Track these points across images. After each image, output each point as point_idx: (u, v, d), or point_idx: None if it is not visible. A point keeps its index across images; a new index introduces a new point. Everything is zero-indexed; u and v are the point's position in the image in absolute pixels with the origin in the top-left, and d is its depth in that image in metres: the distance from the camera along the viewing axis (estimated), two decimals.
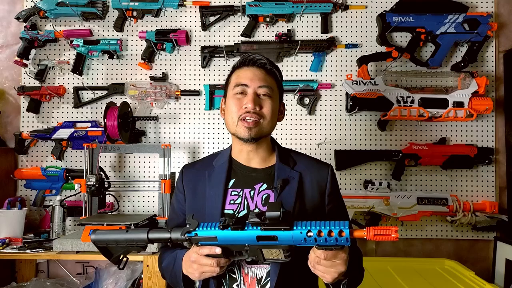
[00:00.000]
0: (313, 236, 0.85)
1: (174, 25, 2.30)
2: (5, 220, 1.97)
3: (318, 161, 1.22)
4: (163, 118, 2.29)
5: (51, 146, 2.26)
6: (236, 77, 1.14)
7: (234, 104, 1.11)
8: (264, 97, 1.11)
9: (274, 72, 1.16)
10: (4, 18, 2.36)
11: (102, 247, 1.01)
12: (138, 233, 0.99)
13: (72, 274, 2.25)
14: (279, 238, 0.87)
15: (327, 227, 0.84)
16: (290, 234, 0.87)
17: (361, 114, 2.24)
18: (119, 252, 1.01)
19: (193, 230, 0.94)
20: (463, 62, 2.17)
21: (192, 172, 1.21)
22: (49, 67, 2.29)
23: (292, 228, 0.87)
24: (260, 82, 1.11)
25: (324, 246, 0.86)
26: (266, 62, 1.14)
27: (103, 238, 1.00)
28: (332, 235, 0.84)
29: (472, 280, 1.73)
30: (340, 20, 2.28)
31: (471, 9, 2.22)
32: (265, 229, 0.88)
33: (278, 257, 0.91)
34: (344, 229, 0.84)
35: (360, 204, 2.09)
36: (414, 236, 2.21)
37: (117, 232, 1.01)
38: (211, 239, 0.92)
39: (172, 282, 1.14)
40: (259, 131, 1.09)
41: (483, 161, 2.14)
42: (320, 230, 0.84)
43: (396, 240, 0.82)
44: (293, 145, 2.25)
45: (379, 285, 1.69)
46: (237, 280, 1.05)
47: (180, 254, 1.06)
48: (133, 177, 2.28)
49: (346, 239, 0.84)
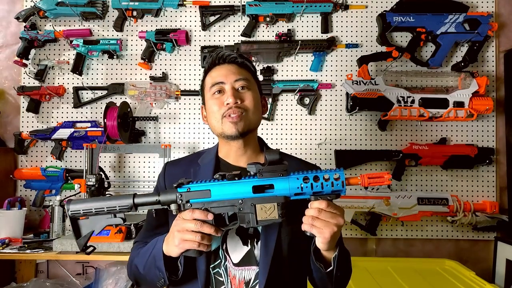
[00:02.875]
0: (310, 182, 0.85)
1: (174, 25, 2.30)
2: (4, 220, 1.97)
3: (307, 163, 1.20)
4: (163, 118, 2.28)
5: (51, 146, 2.25)
6: (210, 78, 1.11)
7: (214, 104, 1.07)
8: (243, 90, 1.08)
9: (247, 64, 1.13)
10: (4, 18, 2.36)
11: (74, 220, 0.93)
12: (122, 198, 0.92)
13: (72, 275, 2.25)
14: (276, 186, 0.87)
15: (323, 172, 0.86)
16: (286, 182, 0.86)
17: (361, 114, 2.24)
18: (90, 230, 0.94)
19: (186, 184, 0.91)
20: (463, 62, 2.16)
21: (176, 169, 1.15)
22: (49, 67, 2.28)
23: (289, 174, 0.87)
24: (235, 76, 1.08)
25: (320, 194, 0.86)
26: (236, 56, 1.11)
27: (80, 206, 0.92)
28: (328, 179, 0.85)
29: (473, 280, 1.73)
30: (340, 20, 2.27)
31: (472, 9, 2.22)
32: (262, 176, 0.87)
33: (272, 215, 0.88)
34: (340, 173, 0.85)
35: (361, 204, 2.09)
36: (414, 236, 2.20)
37: (98, 199, 0.95)
38: (204, 194, 0.89)
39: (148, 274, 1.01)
40: (245, 124, 1.06)
41: (483, 161, 2.14)
42: (317, 176, 0.86)
43: (389, 183, 0.85)
44: (293, 145, 2.25)
45: (379, 285, 1.69)
46: (224, 283, 1.01)
47: (161, 237, 0.99)
48: (133, 177, 2.27)
49: (342, 182, 0.85)
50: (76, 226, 0.95)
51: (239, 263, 1.02)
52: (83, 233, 0.95)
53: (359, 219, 2.18)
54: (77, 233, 0.95)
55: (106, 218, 0.94)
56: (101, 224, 0.95)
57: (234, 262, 1.02)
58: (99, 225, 0.95)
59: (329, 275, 0.96)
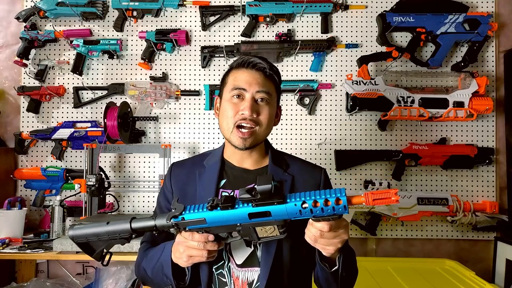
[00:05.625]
0: (309, 208, 0.79)
1: (174, 25, 2.30)
2: (5, 220, 1.97)
3: (312, 165, 1.20)
4: (163, 118, 2.28)
5: (51, 146, 2.26)
6: (233, 79, 1.10)
7: (230, 108, 1.07)
8: (261, 103, 1.08)
9: (273, 76, 1.12)
10: (4, 18, 2.36)
11: (82, 243, 0.95)
12: (120, 223, 0.92)
13: (72, 274, 2.25)
14: (273, 213, 0.82)
15: (323, 196, 0.78)
16: (284, 208, 0.81)
17: (361, 114, 2.24)
18: (101, 247, 0.95)
19: (179, 214, 0.87)
20: (463, 62, 2.17)
21: (181, 171, 1.16)
22: (49, 67, 2.29)
23: (286, 201, 0.81)
24: (259, 86, 1.07)
25: (321, 217, 0.80)
26: (266, 66, 1.10)
27: (82, 233, 0.93)
28: (328, 204, 0.78)
29: (473, 280, 1.73)
30: (340, 20, 2.27)
31: (471, 9, 2.22)
32: (257, 205, 0.82)
33: (273, 234, 0.86)
34: (341, 197, 0.78)
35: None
36: (414, 236, 2.20)
37: (97, 225, 0.94)
38: (199, 222, 0.86)
39: (156, 278, 1.04)
40: (254, 140, 1.07)
41: (483, 161, 2.14)
42: (316, 200, 0.79)
43: (397, 202, 0.77)
44: (293, 145, 2.25)
45: (379, 285, 1.69)
46: (227, 284, 1.01)
47: (168, 244, 1.00)
48: (133, 177, 2.27)
49: (344, 207, 0.78)
50: (87, 247, 0.96)
51: (242, 264, 1.02)
52: (96, 250, 0.96)
53: (359, 219, 2.18)
54: (91, 251, 0.96)
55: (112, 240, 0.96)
56: (109, 244, 0.97)
57: (238, 263, 1.02)
58: (108, 245, 0.97)
59: (334, 275, 0.95)
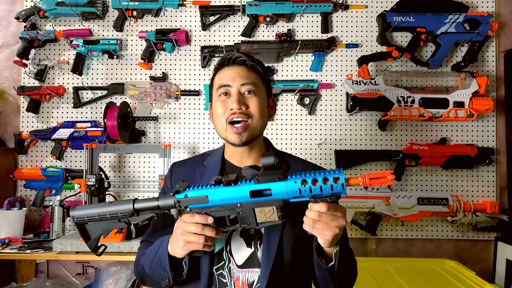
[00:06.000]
0: (308, 185, 0.81)
1: (174, 25, 2.30)
2: (4, 220, 1.97)
3: (313, 165, 1.19)
4: (163, 118, 2.28)
5: (51, 146, 2.26)
6: (218, 79, 1.11)
7: (219, 106, 1.08)
8: (249, 95, 1.07)
9: (257, 67, 1.12)
10: (4, 18, 2.36)
11: (81, 226, 0.96)
12: (123, 204, 0.94)
13: (72, 274, 2.25)
14: (273, 190, 0.84)
15: (322, 174, 0.81)
16: (284, 186, 0.83)
17: (362, 114, 2.24)
18: (98, 233, 0.97)
19: (183, 190, 0.90)
20: (463, 62, 2.16)
21: (182, 170, 1.17)
22: (49, 67, 2.28)
23: (286, 178, 0.83)
24: (242, 79, 1.07)
25: (319, 197, 0.83)
26: (246, 59, 1.10)
27: (84, 213, 0.95)
28: (327, 182, 0.80)
29: (473, 280, 1.73)
30: (341, 20, 2.27)
31: (472, 9, 2.22)
32: (259, 181, 0.84)
33: (271, 218, 0.87)
34: (339, 175, 0.80)
35: (361, 204, 2.09)
36: (414, 236, 2.20)
37: (100, 205, 0.96)
38: (202, 200, 0.88)
39: (153, 274, 1.04)
40: (250, 134, 1.06)
41: (483, 161, 2.14)
42: (315, 178, 0.81)
43: (392, 183, 0.80)
44: (293, 145, 2.25)
45: (379, 285, 1.69)
46: (227, 285, 1.01)
47: (166, 237, 1.01)
48: (133, 177, 2.27)
49: (341, 185, 0.80)
50: (84, 230, 0.97)
51: (242, 265, 1.01)
52: (91, 237, 0.97)
53: (359, 219, 2.18)
54: (86, 237, 0.97)
55: (112, 222, 0.96)
56: (107, 228, 0.98)
57: (238, 264, 1.02)
58: (106, 229, 0.98)
59: (331, 272, 0.95)
